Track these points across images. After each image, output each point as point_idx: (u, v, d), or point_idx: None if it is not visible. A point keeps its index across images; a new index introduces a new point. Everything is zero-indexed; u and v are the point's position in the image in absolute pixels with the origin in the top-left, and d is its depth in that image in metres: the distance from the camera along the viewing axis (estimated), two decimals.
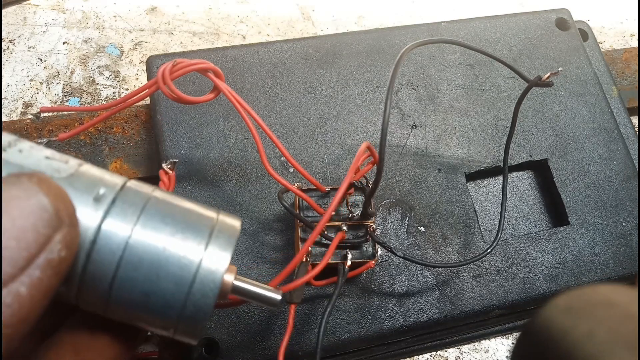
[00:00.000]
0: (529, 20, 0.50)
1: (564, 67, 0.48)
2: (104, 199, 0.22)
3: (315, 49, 0.46)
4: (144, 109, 0.46)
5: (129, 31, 0.54)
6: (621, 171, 0.45)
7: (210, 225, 0.24)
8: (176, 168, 0.34)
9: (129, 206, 0.22)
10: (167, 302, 0.22)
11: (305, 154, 0.42)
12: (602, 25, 0.61)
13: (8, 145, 0.21)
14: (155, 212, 0.23)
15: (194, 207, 0.24)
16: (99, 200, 0.22)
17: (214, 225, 0.24)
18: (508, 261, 0.41)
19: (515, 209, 0.44)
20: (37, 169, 0.21)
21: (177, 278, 0.22)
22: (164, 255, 0.22)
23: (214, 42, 0.54)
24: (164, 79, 0.32)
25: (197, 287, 0.22)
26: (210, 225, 0.24)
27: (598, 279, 0.42)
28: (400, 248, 0.40)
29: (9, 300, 0.18)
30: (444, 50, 0.48)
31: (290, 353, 0.37)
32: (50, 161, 0.22)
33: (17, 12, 0.53)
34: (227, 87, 0.34)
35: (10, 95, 0.49)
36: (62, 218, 0.20)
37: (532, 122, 0.46)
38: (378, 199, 0.41)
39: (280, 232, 0.39)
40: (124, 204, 0.22)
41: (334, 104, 0.44)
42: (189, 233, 0.23)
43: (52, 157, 0.22)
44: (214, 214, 0.24)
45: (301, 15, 0.57)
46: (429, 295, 0.39)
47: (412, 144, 0.44)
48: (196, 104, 0.34)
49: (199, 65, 0.33)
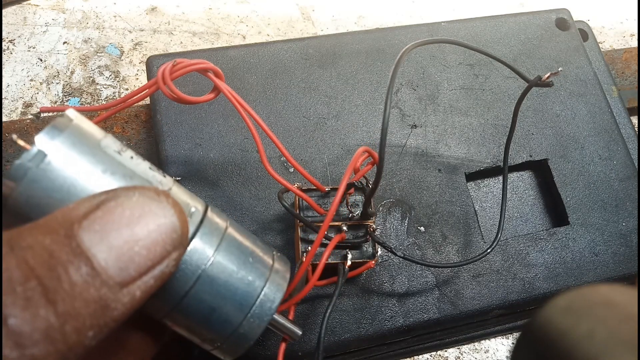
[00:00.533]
0: (529, 20, 0.50)
1: (564, 67, 0.48)
2: (194, 217, 0.25)
3: (315, 49, 0.46)
4: (144, 109, 0.46)
5: (129, 31, 0.54)
6: (621, 171, 0.45)
7: (271, 259, 0.28)
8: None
9: (214, 229, 0.25)
10: (227, 319, 0.25)
11: (305, 154, 0.42)
12: (602, 25, 0.61)
13: (120, 149, 0.24)
14: (232, 240, 0.26)
15: (257, 241, 0.28)
16: (190, 218, 0.25)
17: (273, 260, 0.28)
18: (508, 261, 0.41)
19: (515, 209, 0.44)
20: (145, 177, 0.24)
21: (241, 299, 0.25)
22: (235, 278, 0.25)
23: (214, 42, 0.54)
24: (163, 79, 0.32)
25: (256, 311, 0.26)
26: (270, 260, 0.28)
27: (598, 279, 0.42)
28: (400, 248, 0.40)
29: (126, 300, 0.20)
30: (444, 50, 0.48)
31: (290, 353, 0.36)
32: (154, 173, 0.25)
33: (17, 12, 0.54)
34: (227, 87, 0.34)
35: (10, 95, 0.49)
36: (183, 241, 0.22)
37: (532, 122, 0.46)
38: (378, 199, 0.41)
39: (280, 232, 0.39)
40: (210, 226, 0.25)
41: (334, 104, 0.44)
42: (257, 264, 0.27)
43: (152, 168, 0.25)
44: (271, 250, 0.29)
45: (301, 15, 0.57)
46: (429, 295, 0.39)
47: (412, 144, 0.44)
48: (196, 104, 0.34)
49: (199, 66, 0.33)
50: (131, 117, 0.46)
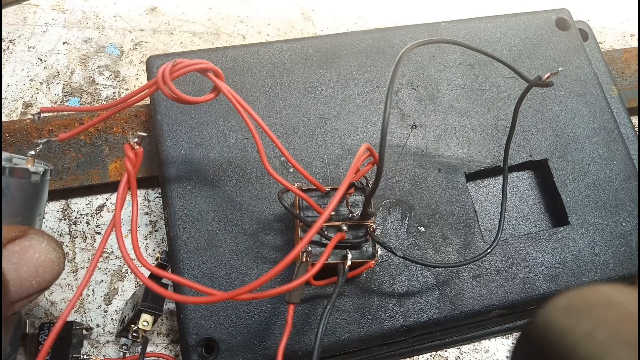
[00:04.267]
0: (529, 20, 0.50)
1: (564, 67, 0.48)
2: None
3: (315, 49, 0.46)
4: (144, 109, 0.46)
5: (129, 31, 0.54)
6: (621, 171, 0.45)
7: None
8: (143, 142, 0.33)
9: None
10: None
11: (305, 154, 0.42)
12: (602, 25, 0.61)
13: None
14: None
15: None
16: None
17: None
18: (508, 261, 0.41)
19: (515, 209, 0.44)
20: None
21: None
22: None
23: (214, 42, 0.54)
24: (164, 79, 0.32)
25: None
26: None
27: (598, 279, 0.42)
28: (400, 248, 0.40)
29: (10, 311, 0.28)
30: (444, 50, 0.48)
31: (290, 353, 0.37)
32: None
33: (17, 12, 0.54)
34: (227, 87, 0.34)
35: (10, 95, 0.49)
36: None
37: (532, 122, 0.46)
38: (378, 199, 0.41)
39: (280, 232, 0.40)
40: None
41: (334, 104, 0.44)
42: None
43: None
44: None
45: (301, 15, 0.57)
46: (429, 295, 0.39)
47: (412, 144, 0.44)
48: (196, 104, 0.34)
49: (199, 66, 0.33)
50: (131, 117, 0.46)
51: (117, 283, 0.43)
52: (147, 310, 0.38)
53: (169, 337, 0.42)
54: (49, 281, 0.29)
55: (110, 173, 0.45)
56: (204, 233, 0.39)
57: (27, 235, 0.29)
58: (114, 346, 0.41)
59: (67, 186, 0.44)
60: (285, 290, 0.30)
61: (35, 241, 0.28)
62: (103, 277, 0.43)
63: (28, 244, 0.28)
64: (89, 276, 0.30)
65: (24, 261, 0.28)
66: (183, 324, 0.37)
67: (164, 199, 0.40)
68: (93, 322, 0.42)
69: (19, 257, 0.28)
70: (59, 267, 0.29)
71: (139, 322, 0.38)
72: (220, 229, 0.39)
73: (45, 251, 0.29)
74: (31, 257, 0.28)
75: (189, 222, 0.39)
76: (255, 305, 0.37)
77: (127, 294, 0.43)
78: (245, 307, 0.37)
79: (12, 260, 0.27)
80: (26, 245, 0.28)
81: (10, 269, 0.27)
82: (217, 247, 0.39)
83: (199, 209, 0.40)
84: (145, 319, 0.38)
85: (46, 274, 0.29)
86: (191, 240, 0.39)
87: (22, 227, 0.29)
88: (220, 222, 0.39)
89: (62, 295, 0.43)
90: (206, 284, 0.36)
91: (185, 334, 0.36)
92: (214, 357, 0.36)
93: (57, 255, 0.29)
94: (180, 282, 0.30)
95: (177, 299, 0.32)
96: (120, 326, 0.40)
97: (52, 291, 0.43)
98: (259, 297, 0.29)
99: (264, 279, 0.27)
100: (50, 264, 0.29)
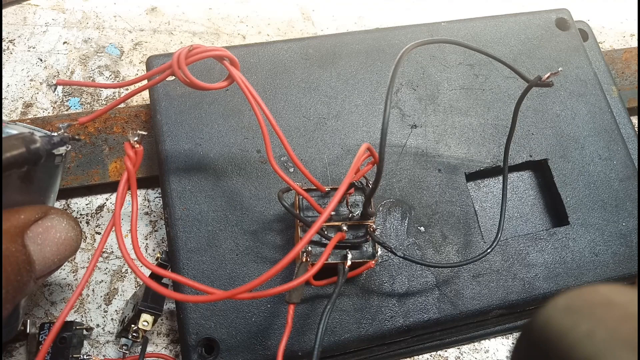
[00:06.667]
0: (529, 20, 0.50)
1: (564, 67, 0.48)
2: None
3: (315, 49, 0.46)
4: (144, 109, 0.46)
5: (129, 31, 0.54)
6: (621, 171, 0.45)
7: None
8: (143, 142, 0.33)
9: None
10: None
11: (305, 154, 0.42)
12: (602, 25, 0.61)
13: None
14: None
15: None
16: None
17: None
18: (508, 261, 0.41)
19: (515, 209, 0.44)
20: None
21: None
22: None
23: (214, 42, 0.54)
24: (179, 63, 0.32)
25: None
26: None
27: (598, 279, 0.42)
28: (400, 248, 0.40)
29: (35, 285, 0.30)
30: (444, 50, 0.48)
31: (290, 353, 0.37)
32: None
33: (17, 12, 0.54)
34: (241, 76, 0.34)
35: (10, 95, 0.49)
36: None
37: (532, 122, 0.46)
38: (378, 199, 0.41)
39: (280, 232, 0.40)
40: None
41: (334, 104, 0.44)
42: None
43: None
44: None
45: (301, 15, 0.57)
46: (429, 295, 0.39)
47: (412, 144, 0.44)
48: (209, 90, 0.33)
49: (216, 52, 0.33)
50: (131, 117, 0.46)
51: (117, 283, 0.43)
52: (147, 310, 0.38)
53: (169, 337, 0.42)
54: (68, 257, 0.31)
55: (110, 173, 0.45)
56: (204, 233, 0.39)
57: (49, 215, 0.30)
58: (114, 346, 0.41)
59: (67, 186, 0.44)
60: (285, 290, 0.30)
61: (56, 221, 0.30)
62: (103, 277, 0.43)
63: (50, 224, 0.30)
64: (88, 276, 0.31)
65: (47, 242, 0.29)
66: (183, 324, 0.37)
67: (164, 199, 0.40)
68: (93, 322, 0.42)
69: (43, 239, 0.29)
70: (77, 244, 0.31)
71: (139, 322, 0.38)
72: (220, 228, 0.39)
73: (65, 230, 0.30)
74: (53, 237, 0.30)
75: (189, 222, 0.39)
76: (255, 305, 0.37)
77: (127, 294, 0.43)
78: (245, 307, 0.37)
79: (36, 242, 0.29)
80: (48, 225, 0.30)
81: (35, 250, 0.29)
82: (217, 247, 0.39)
83: (199, 209, 0.40)
84: (145, 319, 0.38)
85: (66, 251, 0.30)
86: (191, 240, 0.39)
87: (43, 208, 0.30)
88: (220, 222, 0.39)
89: (62, 295, 0.43)
90: (206, 284, 0.36)
91: (185, 334, 0.36)
92: (214, 357, 0.36)
93: (75, 233, 0.31)
94: (180, 281, 0.30)
95: (177, 297, 0.32)
96: (120, 326, 0.40)
97: (52, 291, 0.43)
98: (258, 297, 0.29)
99: (263, 278, 0.27)
100: (70, 242, 0.31)
